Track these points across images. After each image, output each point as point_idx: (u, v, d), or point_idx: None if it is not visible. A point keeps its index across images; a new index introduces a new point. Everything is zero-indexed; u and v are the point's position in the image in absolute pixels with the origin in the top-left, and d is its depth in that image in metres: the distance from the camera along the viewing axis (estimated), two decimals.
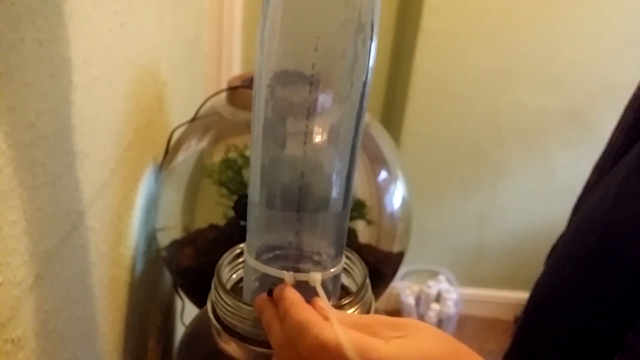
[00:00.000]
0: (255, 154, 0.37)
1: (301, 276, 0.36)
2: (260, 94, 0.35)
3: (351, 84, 0.35)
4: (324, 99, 0.34)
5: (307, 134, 0.35)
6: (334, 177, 0.37)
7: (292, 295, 0.34)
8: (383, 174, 0.65)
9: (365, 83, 0.35)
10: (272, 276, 0.37)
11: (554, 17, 1.42)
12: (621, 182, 0.45)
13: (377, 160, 0.65)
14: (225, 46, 1.09)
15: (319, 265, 0.39)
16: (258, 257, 0.39)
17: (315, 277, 0.36)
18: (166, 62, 0.69)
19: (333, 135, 0.36)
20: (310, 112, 0.34)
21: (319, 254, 0.39)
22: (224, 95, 0.65)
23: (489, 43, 1.46)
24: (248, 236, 0.40)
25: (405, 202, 0.65)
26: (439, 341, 0.30)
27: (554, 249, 0.58)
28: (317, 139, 0.35)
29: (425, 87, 1.52)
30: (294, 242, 0.38)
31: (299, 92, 0.34)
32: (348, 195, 0.38)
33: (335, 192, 0.37)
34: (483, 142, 1.57)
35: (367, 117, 0.67)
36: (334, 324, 0.31)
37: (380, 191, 0.64)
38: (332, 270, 0.39)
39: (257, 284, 0.40)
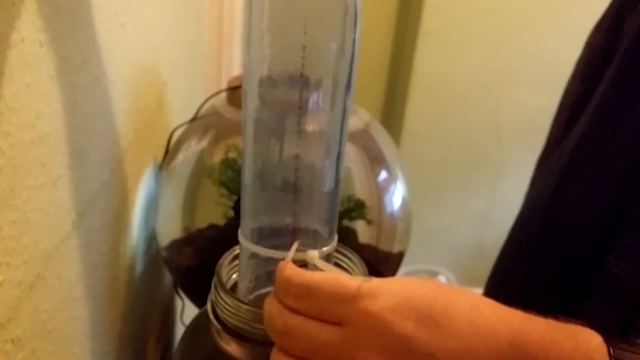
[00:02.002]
0: (247, 142, 0.37)
1: (299, 255, 0.36)
2: (250, 83, 0.35)
3: (334, 88, 0.35)
4: (312, 105, 0.34)
5: (300, 121, 0.35)
6: (327, 155, 0.37)
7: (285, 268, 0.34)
8: (383, 174, 0.65)
9: (352, 57, 0.35)
10: (267, 260, 0.37)
11: (554, 17, 1.42)
12: (561, 170, 0.50)
13: (377, 160, 0.65)
14: (225, 46, 1.09)
15: (314, 244, 0.39)
16: (253, 240, 0.39)
17: (313, 255, 0.36)
18: (166, 62, 0.69)
19: (324, 114, 0.36)
20: (302, 92, 0.34)
21: (315, 233, 0.39)
22: (224, 95, 0.65)
23: (489, 43, 1.47)
24: (242, 220, 0.40)
25: (405, 202, 0.65)
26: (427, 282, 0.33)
27: (509, 235, 0.62)
28: (309, 123, 0.36)
29: (426, 87, 1.52)
30: (291, 223, 0.38)
31: (290, 81, 0.34)
32: (339, 172, 0.38)
33: (329, 170, 0.38)
34: (483, 142, 1.57)
35: (367, 117, 0.67)
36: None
37: (380, 191, 0.64)
38: (324, 249, 0.39)
39: (253, 268, 0.40)
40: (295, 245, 0.36)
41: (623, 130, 0.46)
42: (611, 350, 0.30)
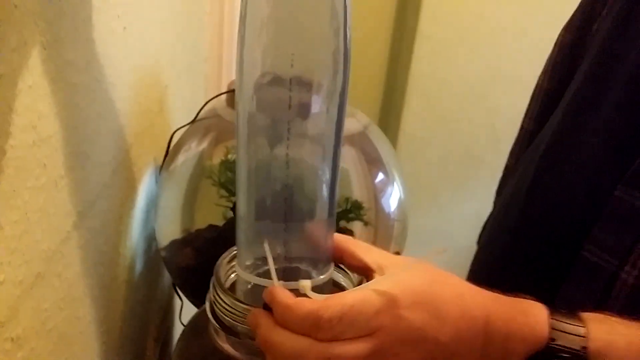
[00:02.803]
0: (240, 168, 0.38)
1: (291, 285, 0.37)
2: (243, 106, 0.36)
3: (331, 93, 0.35)
4: (305, 106, 0.35)
5: (289, 145, 0.35)
6: (319, 185, 0.37)
7: (284, 297, 0.35)
8: (380, 176, 0.66)
9: (343, 92, 0.35)
10: (263, 286, 0.38)
11: (549, 21, 1.42)
12: (537, 165, 0.53)
13: (375, 163, 0.65)
14: (225, 50, 1.09)
15: (308, 273, 0.39)
16: (248, 268, 0.39)
17: (305, 285, 0.36)
18: (168, 65, 0.70)
19: (315, 143, 0.36)
20: (290, 123, 0.35)
21: (308, 262, 0.39)
22: (224, 97, 0.66)
23: (485, 47, 1.47)
24: (238, 249, 0.40)
25: (401, 204, 0.66)
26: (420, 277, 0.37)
27: (484, 228, 0.63)
28: (300, 148, 0.36)
29: (423, 90, 1.53)
30: (282, 252, 0.38)
31: (279, 101, 0.34)
32: (333, 202, 0.39)
33: (321, 200, 0.38)
34: (479, 145, 1.57)
35: (365, 120, 0.67)
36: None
37: (377, 193, 0.65)
38: (321, 277, 0.39)
39: (249, 293, 0.40)
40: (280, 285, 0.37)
41: (594, 125, 0.48)
42: (551, 321, 0.36)
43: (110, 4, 0.45)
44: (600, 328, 0.37)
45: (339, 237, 0.41)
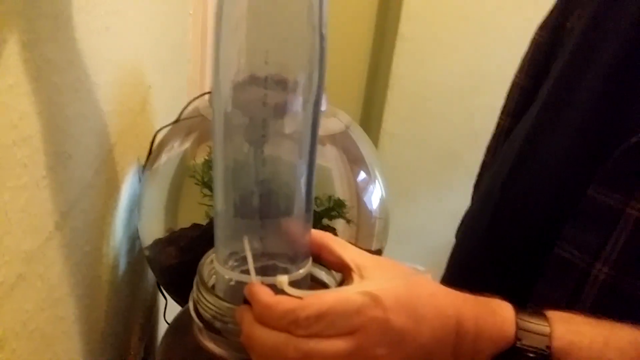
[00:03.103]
0: (217, 165, 0.38)
1: (269, 279, 0.37)
2: (219, 104, 0.36)
3: (307, 91, 0.35)
4: (280, 104, 0.35)
5: (266, 142, 0.35)
6: (295, 181, 0.38)
7: (263, 295, 0.36)
8: (362, 175, 0.66)
9: (318, 90, 0.36)
10: (243, 282, 0.38)
11: (528, 24, 1.44)
12: (513, 161, 0.54)
13: (357, 162, 0.66)
14: (209, 50, 1.09)
15: (286, 269, 0.39)
16: (226, 264, 0.40)
17: (282, 280, 0.37)
18: (151, 65, 0.70)
19: (291, 141, 0.36)
20: (266, 121, 0.35)
21: (286, 257, 0.39)
22: (207, 97, 0.66)
23: (464, 49, 1.49)
24: (215, 244, 0.40)
25: (383, 202, 0.67)
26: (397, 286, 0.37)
27: (462, 223, 0.64)
28: (276, 145, 0.36)
29: (403, 91, 1.54)
30: (260, 249, 0.38)
31: (255, 99, 0.34)
32: (310, 199, 0.39)
33: (297, 196, 0.38)
34: (458, 144, 1.59)
35: (346, 120, 0.68)
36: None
37: (359, 191, 0.65)
38: (300, 272, 0.40)
39: (230, 289, 0.41)
40: (258, 281, 0.37)
41: (567, 123, 0.49)
42: (517, 321, 0.37)
43: (93, 3, 0.44)
44: (564, 327, 0.38)
45: (317, 233, 0.41)
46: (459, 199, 0.67)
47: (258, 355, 0.36)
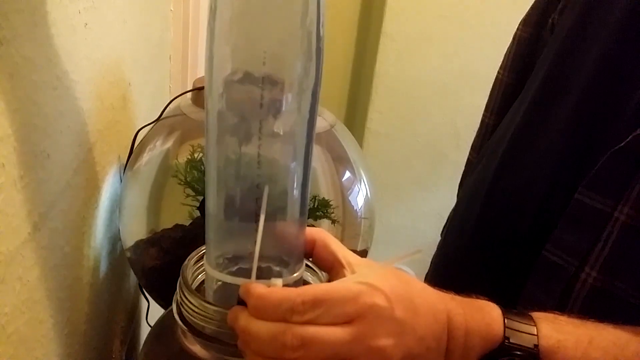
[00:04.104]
0: (210, 166, 0.37)
1: (263, 282, 0.37)
2: (212, 103, 0.35)
3: (303, 92, 0.35)
4: (276, 104, 0.34)
5: (261, 144, 0.35)
6: (290, 185, 0.37)
7: (258, 288, 0.35)
8: (347, 174, 0.66)
9: (315, 92, 0.35)
10: (232, 285, 0.38)
11: (512, 21, 1.46)
12: (500, 160, 0.54)
13: (341, 161, 0.66)
14: (190, 47, 1.08)
15: (279, 271, 0.39)
16: (218, 267, 0.39)
17: (276, 283, 0.36)
18: (131, 62, 0.69)
19: (287, 143, 0.36)
20: (262, 122, 0.34)
21: (279, 260, 0.39)
22: (189, 95, 0.65)
23: (447, 48, 1.50)
24: (207, 247, 0.40)
25: (368, 201, 0.66)
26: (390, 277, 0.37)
27: (448, 221, 0.65)
28: (271, 147, 0.36)
29: (387, 89, 1.55)
30: (254, 252, 0.38)
31: (251, 99, 0.34)
32: (304, 202, 0.39)
33: (292, 199, 0.38)
34: (442, 143, 1.61)
35: (331, 119, 0.68)
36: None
37: (344, 191, 0.65)
38: (293, 275, 0.40)
39: (218, 291, 0.40)
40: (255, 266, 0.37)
41: (555, 125, 0.49)
42: (505, 321, 0.38)
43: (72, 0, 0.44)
44: (550, 327, 0.38)
45: (312, 229, 0.41)
46: (444, 198, 0.67)
47: (256, 352, 0.35)
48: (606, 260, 0.44)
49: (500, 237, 0.53)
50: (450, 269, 0.60)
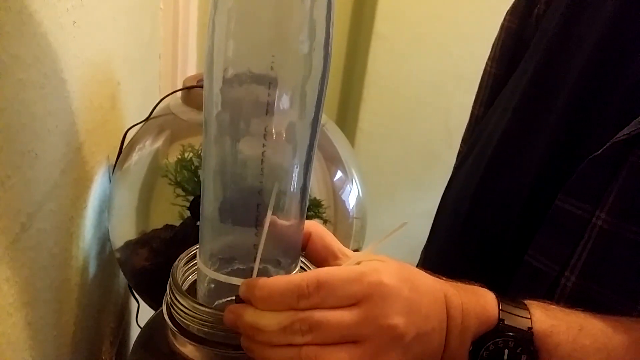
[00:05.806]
0: (208, 168, 0.37)
1: None
2: (211, 103, 0.35)
3: (305, 92, 0.34)
4: (282, 108, 0.34)
5: (265, 150, 0.35)
6: (291, 190, 0.37)
7: (262, 279, 0.35)
8: (339, 174, 0.66)
9: (321, 91, 0.35)
10: (228, 284, 0.37)
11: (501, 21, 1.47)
12: (487, 161, 0.55)
13: (333, 161, 0.66)
14: (180, 46, 1.08)
15: (277, 272, 0.39)
16: (214, 267, 0.39)
17: None
18: (120, 61, 0.68)
19: (290, 148, 0.36)
20: (267, 127, 0.34)
21: (276, 261, 0.39)
22: (179, 95, 0.65)
23: (439, 48, 1.51)
24: (202, 247, 0.39)
25: (360, 201, 0.66)
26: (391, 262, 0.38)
27: (437, 214, 0.65)
28: (275, 152, 0.35)
29: (379, 89, 1.55)
30: (252, 254, 0.38)
31: (254, 101, 0.33)
32: (304, 206, 0.39)
33: (293, 204, 0.38)
34: (434, 143, 1.61)
35: (323, 119, 0.67)
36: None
37: (336, 191, 0.65)
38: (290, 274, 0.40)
39: (211, 292, 0.40)
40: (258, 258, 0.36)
41: (540, 130, 0.50)
42: (500, 304, 0.39)
43: None
44: (543, 312, 0.40)
45: (307, 222, 0.41)
46: (436, 198, 0.67)
47: (265, 343, 0.35)
48: (585, 264, 0.45)
49: (485, 240, 0.54)
50: (437, 264, 0.61)
